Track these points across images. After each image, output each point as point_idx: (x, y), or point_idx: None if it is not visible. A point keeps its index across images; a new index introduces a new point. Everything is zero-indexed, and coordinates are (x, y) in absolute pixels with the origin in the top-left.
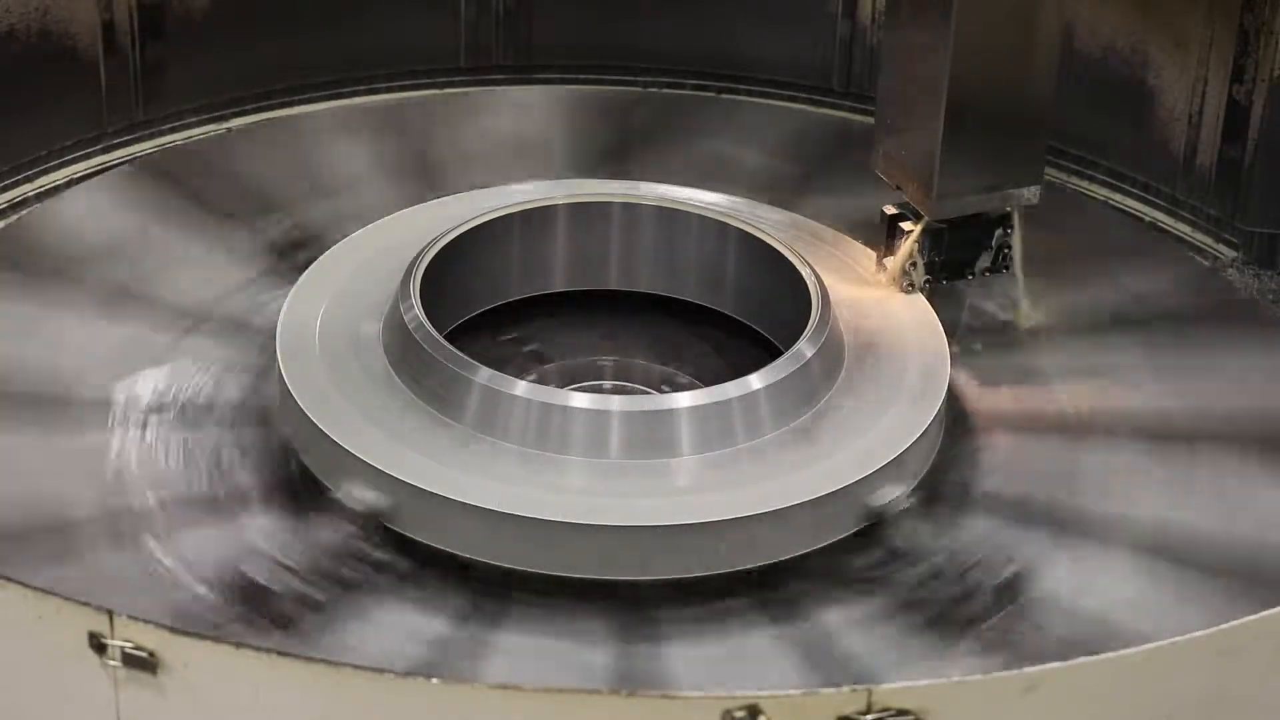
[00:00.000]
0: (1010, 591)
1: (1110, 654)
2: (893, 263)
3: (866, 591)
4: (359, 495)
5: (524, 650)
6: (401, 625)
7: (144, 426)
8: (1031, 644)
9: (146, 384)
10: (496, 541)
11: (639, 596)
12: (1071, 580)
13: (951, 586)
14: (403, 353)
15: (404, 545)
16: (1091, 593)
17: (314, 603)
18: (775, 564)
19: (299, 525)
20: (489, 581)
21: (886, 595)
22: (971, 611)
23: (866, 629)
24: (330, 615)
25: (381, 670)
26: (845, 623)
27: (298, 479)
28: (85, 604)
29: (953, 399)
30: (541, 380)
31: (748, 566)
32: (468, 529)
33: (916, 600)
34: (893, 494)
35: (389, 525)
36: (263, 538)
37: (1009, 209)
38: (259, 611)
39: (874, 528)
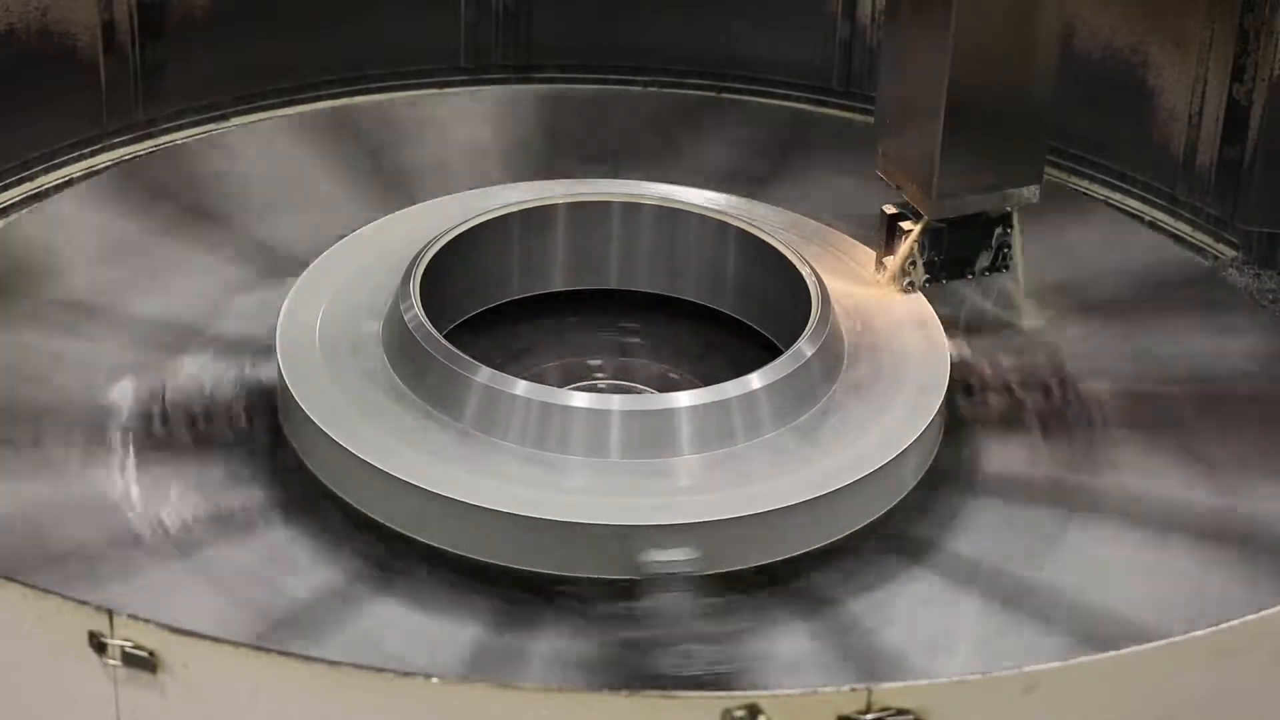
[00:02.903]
0: (1019, 583)
1: (1110, 654)
2: (893, 262)
3: (871, 588)
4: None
5: (526, 652)
6: (402, 625)
7: (142, 431)
8: (1044, 632)
9: (143, 389)
10: (495, 541)
11: (636, 597)
12: (1081, 567)
13: (956, 579)
14: (403, 352)
15: (403, 545)
16: (1102, 577)
17: (317, 605)
18: (776, 563)
19: (301, 528)
20: (488, 581)
21: (891, 592)
22: (982, 602)
23: (873, 624)
24: (332, 617)
25: (381, 670)
26: (854, 619)
27: (299, 481)
28: (85, 604)
29: (952, 396)
30: (541, 380)
31: (747, 566)
32: (467, 528)
33: (924, 593)
34: (895, 492)
35: (391, 526)
36: (267, 543)
37: (1009, 208)
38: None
39: (875, 525)
